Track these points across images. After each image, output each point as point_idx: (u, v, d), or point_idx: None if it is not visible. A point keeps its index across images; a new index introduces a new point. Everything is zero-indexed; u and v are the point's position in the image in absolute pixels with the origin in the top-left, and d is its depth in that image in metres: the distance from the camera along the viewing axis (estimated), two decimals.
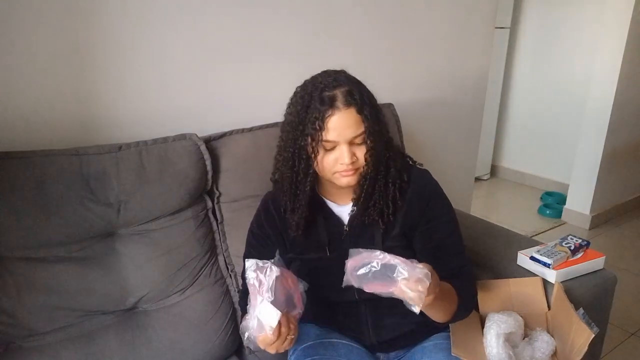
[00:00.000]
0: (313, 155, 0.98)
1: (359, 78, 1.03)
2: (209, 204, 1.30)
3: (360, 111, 0.96)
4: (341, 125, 0.95)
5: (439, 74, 2.06)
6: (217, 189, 1.30)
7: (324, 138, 0.95)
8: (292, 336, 0.91)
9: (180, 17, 1.34)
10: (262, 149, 1.33)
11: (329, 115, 0.94)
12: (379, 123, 1.00)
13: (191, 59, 1.39)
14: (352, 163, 0.98)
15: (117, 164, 1.13)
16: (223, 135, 1.34)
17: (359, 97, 0.96)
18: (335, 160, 0.98)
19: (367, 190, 1.03)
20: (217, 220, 1.31)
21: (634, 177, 3.31)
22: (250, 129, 1.38)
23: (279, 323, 0.86)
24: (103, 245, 1.13)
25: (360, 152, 0.99)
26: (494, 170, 4.03)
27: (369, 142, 0.98)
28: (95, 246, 1.12)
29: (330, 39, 1.67)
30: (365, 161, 0.99)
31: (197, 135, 1.27)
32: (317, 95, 0.96)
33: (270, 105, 1.47)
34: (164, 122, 1.36)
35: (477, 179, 3.59)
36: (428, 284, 0.81)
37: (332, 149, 0.97)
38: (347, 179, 1.00)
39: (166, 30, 1.32)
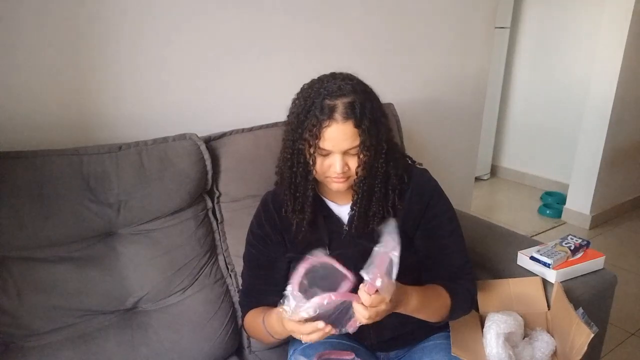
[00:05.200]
0: (312, 161, 0.98)
1: (359, 78, 1.02)
2: (209, 204, 1.30)
3: (357, 125, 0.95)
4: (337, 137, 0.95)
5: (439, 74, 2.06)
6: (217, 189, 1.30)
7: (319, 146, 0.96)
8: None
9: (180, 18, 1.34)
10: (262, 149, 1.33)
11: (326, 126, 0.94)
12: (377, 136, 0.98)
13: (191, 59, 1.39)
14: (344, 172, 0.98)
15: (117, 164, 1.13)
16: (223, 135, 1.34)
17: (360, 110, 0.95)
18: (328, 166, 0.99)
19: (365, 198, 1.03)
20: (217, 220, 1.31)
21: (634, 177, 3.31)
22: (250, 129, 1.38)
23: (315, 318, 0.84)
24: (103, 245, 1.13)
25: (353, 162, 0.99)
26: (494, 170, 4.03)
27: (362, 155, 0.97)
28: (95, 246, 1.12)
29: (330, 39, 1.67)
30: (357, 173, 1.00)
31: (197, 135, 1.27)
32: (318, 102, 0.95)
33: (270, 105, 1.47)
34: (164, 122, 1.36)
35: (477, 179, 3.59)
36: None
37: (327, 155, 0.98)
38: (337, 185, 1.01)
39: (166, 31, 1.32)
